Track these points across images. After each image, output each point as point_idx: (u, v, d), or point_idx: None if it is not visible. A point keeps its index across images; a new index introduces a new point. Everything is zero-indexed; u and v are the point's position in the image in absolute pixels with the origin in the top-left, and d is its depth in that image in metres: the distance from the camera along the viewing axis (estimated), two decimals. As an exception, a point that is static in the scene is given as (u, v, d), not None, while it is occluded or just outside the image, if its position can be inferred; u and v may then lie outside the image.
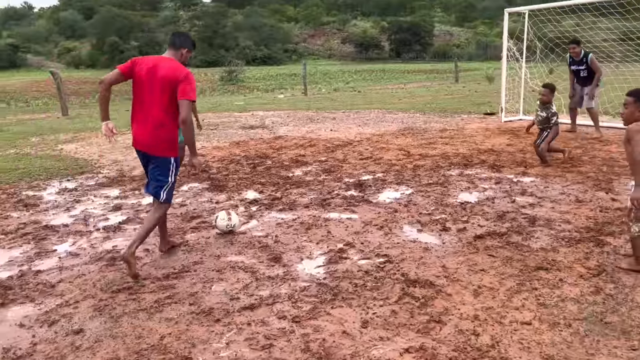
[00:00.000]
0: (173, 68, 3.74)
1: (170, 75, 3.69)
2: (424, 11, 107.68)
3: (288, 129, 11.01)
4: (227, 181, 6.44)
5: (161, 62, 3.79)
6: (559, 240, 4.04)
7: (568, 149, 7.08)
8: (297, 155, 7.92)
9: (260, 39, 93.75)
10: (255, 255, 4.01)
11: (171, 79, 3.68)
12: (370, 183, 6.11)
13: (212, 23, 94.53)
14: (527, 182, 5.88)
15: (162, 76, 3.70)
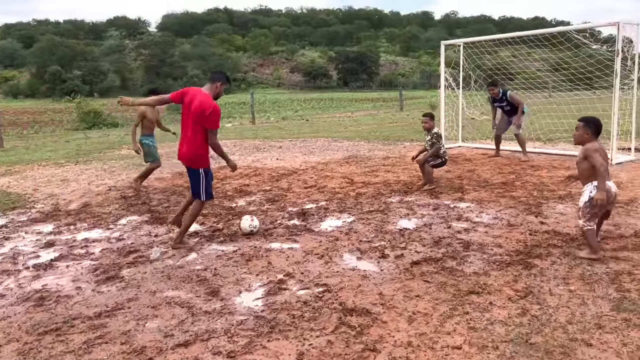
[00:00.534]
0: (203, 103, 4.74)
1: (199, 109, 4.73)
2: (370, 41, 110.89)
3: (233, 158, 10.87)
4: (168, 213, 6.33)
5: (198, 96, 4.81)
6: (490, 264, 4.19)
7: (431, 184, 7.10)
8: (241, 185, 7.90)
9: (208, 68, 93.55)
10: (192, 290, 3.94)
11: (200, 113, 4.73)
12: (313, 212, 6.16)
13: (159, 52, 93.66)
14: (463, 207, 6.09)
15: (195, 108, 4.75)
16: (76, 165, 10.58)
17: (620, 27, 8.01)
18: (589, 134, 4.35)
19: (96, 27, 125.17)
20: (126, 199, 7.25)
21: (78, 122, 26.36)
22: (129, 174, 9.32)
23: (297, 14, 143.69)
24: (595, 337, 2.98)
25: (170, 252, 4.85)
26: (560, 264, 4.10)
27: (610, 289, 3.61)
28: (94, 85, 79.73)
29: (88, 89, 74.83)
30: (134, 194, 7.47)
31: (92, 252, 4.97)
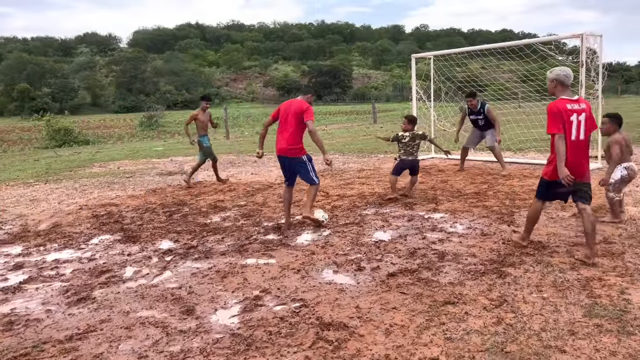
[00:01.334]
0: (301, 103, 5.98)
1: (299, 109, 5.90)
2: (343, 55, 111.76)
3: (208, 174, 10.89)
4: (141, 231, 6.23)
5: (294, 102, 6.04)
6: (465, 273, 4.23)
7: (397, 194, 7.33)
8: (215, 201, 7.83)
9: (181, 83, 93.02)
10: (167, 309, 3.87)
11: (300, 112, 5.88)
12: (288, 226, 6.13)
13: (131, 68, 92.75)
14: (437, 218, 6.15)
15: (295, 109, 5.93)
16: (46, 185, 10.35)
17: (584, 38, 8.27)
18: (614, 127, 5.52)
19: (66, 44, 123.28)
20: (98, 217, 7.11)
21: (48, 140, 25.87)
22: (101, 192, 9.16)
23: (269, 29, 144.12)
24: (569, 343, 3.02)
25: (144, 271, 4.77)
26: (533, 272, 4.17)
27: (582, 295, 3.68)
28: (64, 102, 78.37)
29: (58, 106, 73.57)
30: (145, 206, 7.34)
31: (62, 273, 4.85)
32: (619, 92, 57.43)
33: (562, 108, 4.43)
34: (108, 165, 13.68)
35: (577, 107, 4.46)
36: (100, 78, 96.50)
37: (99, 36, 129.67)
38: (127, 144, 26.82)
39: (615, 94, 56.07)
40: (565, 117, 4.40)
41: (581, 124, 4.44)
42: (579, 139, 4.46)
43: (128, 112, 74.50)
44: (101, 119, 62.37)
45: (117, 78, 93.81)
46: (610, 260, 4.35)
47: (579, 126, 4.44)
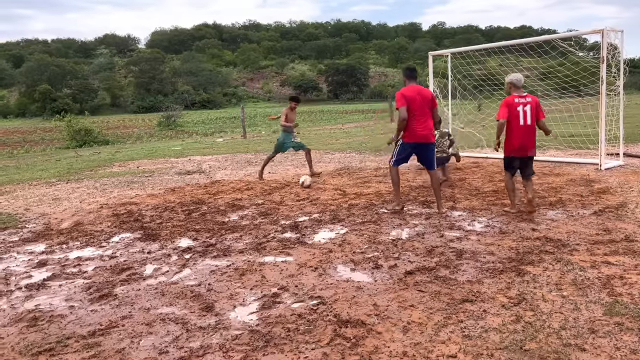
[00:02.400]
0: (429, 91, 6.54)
1: (430, 95, 6.43)
2: (359, 54, 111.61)
3: (225, 172, 10.98)
4: (161, 229, 6.31)
5: (421, 89, 6.40)
6: (483, 272, 4.21)
7: None
8: (233, 200, 7.90)
9: (198, 83, 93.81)
10: (186, 306, 3.93)
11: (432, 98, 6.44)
12: (306, 224, 6.17)
13: (149, 69, 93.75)
14: (455, 216, 6.12)
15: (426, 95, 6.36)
16: (67, 184, 10.53)
17: (604, 34, 8.14)
18: None
19: (85, 46, 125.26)
20: (118, 216, 7.22)
21: (69, 140, 26.31)
22: (121, 191, 9.29)
23: (286, 28, 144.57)
24: (589, 341, 3.00)
25: (164, 269, 4.84)
26: (553, 270, 4.13)
27: (603, 293, 3.64)
28: (84, 103, 79.61)
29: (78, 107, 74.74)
30: (126, 213, 7.44)
31: (84, 270, 4.94)
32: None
33: (511, 101, 6.10)
34: (127, 164, 13.86)
35: (523, 101, 6.09)
36: (119, 79, 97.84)
37: (118, 37, 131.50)
38: (146, 143, 27.12)
39: (638, 90, 55.02)
40: (512, 108, 6.07)
41: (527, 113, 6.05)
42: (527, 124, 6.07)
43: (146, 112, 75.46)
44: (120, 119, 63.22)
45: (135, 78, 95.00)
46: (632, 258, 4.29)
47: (525, 115, 6.05)
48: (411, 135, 6.31)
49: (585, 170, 8.60)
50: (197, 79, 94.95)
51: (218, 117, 57.11)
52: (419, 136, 6.29)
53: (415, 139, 6.31)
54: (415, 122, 6.24)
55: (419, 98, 6.24)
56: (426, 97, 6.32)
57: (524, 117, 6.05)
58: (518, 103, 6.07)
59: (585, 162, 9.28)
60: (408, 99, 6.22)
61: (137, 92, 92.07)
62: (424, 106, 6.27)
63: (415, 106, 6.22)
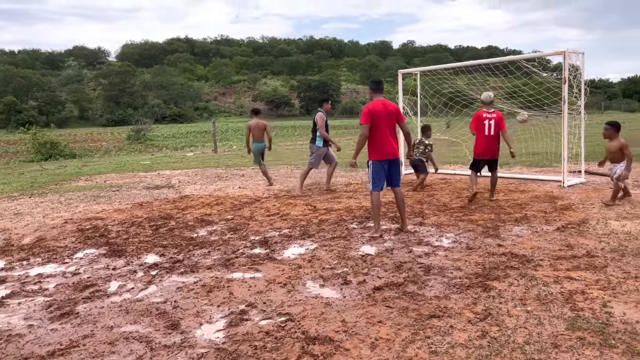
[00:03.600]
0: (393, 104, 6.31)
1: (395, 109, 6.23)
2: (331, 70, 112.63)
3: (195, 187, 10.86)
4: (127, 245, 6.18)
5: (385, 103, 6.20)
6: (450, 287, 4.25)
7: None
8: (202, 215, 7.80)
9: (169, 97, 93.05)
10: (151, 324, 3.84)
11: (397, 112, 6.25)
12: (276, 240, 6.13)
13: (119, 82, 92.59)
14: (423, 232, 6.18)
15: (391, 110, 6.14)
16: (30, 198, 10.25)
17: (566, 55, 8.42)
18: (615, 133, 7.11)
19: (53, 57, 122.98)
20: (83, 231, 7.05)
21: (34, 153, 25.63)
22: (87, 205, 9.08)
23: (258, 44, 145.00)
24: (552, 356, 3.05)
25: (129, 286, 4.73)
26: (518, 285, 4.20)
27: (565, 308, 3.72)
28: (50, 115, 77.95)
29: (45, 119, 73.08)
30: (92, 227, 7.27)
31: (45, 288, 4.79)
32: (602, 108, 58.36)
33: (480, 115, 7.82)
34: (94, 178, 13.59)
35: (489, 116, 7.77)
36: (88, 91, 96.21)
37: (88, 50, 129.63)
38: (115, 157, 26.66)
39: (599, 110, 56.98)
40: (480, 121, 7.77)
41: (491, 125, 7.73)
42: (491, 134, 7.76)
43: (116, 126, 74.23)
44: (88, 132, 62.06)
45: (105, 91, 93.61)
46: (593, 273, 4.41)
47: (490, 127, 7.74)
48: (380, 152, 6.07)
49: (549, 187, 8.82)
50: (168, 93, 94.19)
51: (189, 131, 56.61)
52: (387, 152, 6.09)
53: (385, 156, 6.09)
54: (384, 138, 6.04)
55: (384, 113, 6.02)
56: (391, 112, 6.09)
57: (488, 129, 7.74)
58: (485, 117, 7.74)
59: (549, 180, 9.53)
60: (374, 114, 5.98)
61: (107, 105, 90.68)
62: (390, 121, 6.08)
63: (382, 122, 6.00)
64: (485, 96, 7.99)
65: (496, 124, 7.69)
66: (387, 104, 6.13)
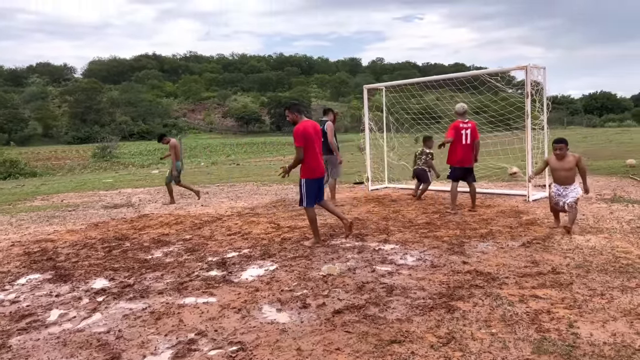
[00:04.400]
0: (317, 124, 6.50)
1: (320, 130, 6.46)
2: (301, 87, 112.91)
3: (155, 206, 10.49)
4: (75, 269, 5.81)
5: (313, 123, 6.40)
6: (413, 309, 4.05)
7: None
8: (160, 235, 7.46)
9: (137, 114, 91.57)
10: (90, 357, 3.52)
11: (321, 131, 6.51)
12: (234, 260, 5.85)
13: (85, 98, 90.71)
14: (387, 249, 5.99)
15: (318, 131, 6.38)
16: (-21, 220, 9.69)
17: (528, 70, 8.46)
18: (568, 148, 6.36)
19: (16, 74, 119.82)
20: (30, 255, 6.63)
21: (-10, 172, 24.72)
22: (39, 227, 8.62)
23: (228, 61, 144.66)
24: (517, 383, 2.86)
25: (71, 314, 4.38)
26: (482, 306, 4.03)
27: (531, 329, 3.55)
28: (12, 133, 75.72)
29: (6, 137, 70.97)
30: (41, 250, 6.85)
31: (-22, 318, 4.40)
32: (565, 124, 59.97)
33: (457, 125, 8.14)
34: (52, 198, 13.04)
35: (465, 126, 8.14)
36: (52, 108, 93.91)
37: (53, 66, 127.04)
38: (78, 175, 25.90)
39: (562, 125, 58.51)
40: (458, 130, 8.08)
41: (468, 135, 8.10)
42: (467, 143, 8.13)
43: (82, 143, 72.45)
44: (52, 150, 60.44)
45: (70, 108, 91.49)
46: (559, 291, 4.27)
47: (467, 136, 8.10)
48: (316, 171, 6.33)
49: (515, 202, 8.78)
50: (136, 110, 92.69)
51: (157, 148, 55.66)
52: (320, 171, 6.40)
53: (320, 174, 6.39)
54: (317, 158, 6.32)
55: (313, 133, 6.28)
56: (318, 131, 6.39)
57: (465, 138, 8.10)
58: (462, 127, 8.11)
59: (514, 194, 9.51)
60: (307, 136, 6.19)
61: (72, 123, 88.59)
62: (319, 140, 6.40)
63: (314, 142, 6.26)
64: (459, 107, 8.31)
65: (471, 133, 8.12)
66: (315, 125, 6.39)
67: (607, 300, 4.02)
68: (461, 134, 8.11)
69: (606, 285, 4.35)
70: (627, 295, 4.10)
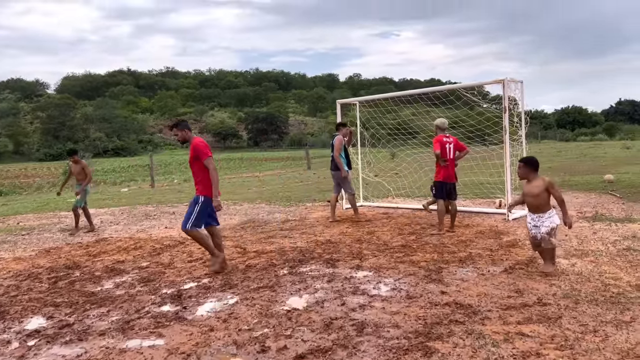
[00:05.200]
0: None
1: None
2: (279, 102, 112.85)
3: (117, 228, 9.85)
4: (12, 305, 5.19)
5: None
6: (386, 352, 3.57)
7: None
8: (114, 262, 6.86)
9: (112, 130, 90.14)
10: (0, 423, 2.95)
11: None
12: (191, 292, 5.30)
13: (58, 115, 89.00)
14: (360, 277, 5.51)
15: None
16: None
17: (505, 84, 8.15)
18: (532, 171, 5.32)
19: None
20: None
21: (-49, 192, 23.59)
22: (-17, 254, 7.92)
23: (205, 76, 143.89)
24: None
25: (-8, 364, 3.79)
26: (464, 347, 3.57)
27: (519, 377, 3.10)
28: (-19, 150, 73.61)
29: (-26, 154, 68.88)
30: None
31: None
32: (539, 138, 60.72)
33: (441, 139, 7.82)
34: (7, 220, 12.27)
35: (448, 140, 7.88)
36: (24, 125, 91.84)
37: (24, 82, 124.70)
38: (44, 194, 24.91)
39: (536, 139, 59.24)
40: (443, 145, 7.78)
41: (451, 149, 7.83)
42: (451, 158, 7.84)
43: (54, 160, 70.70)
44: (23, 167, 58.74)
45: (43, 125, 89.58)
46: (547, 327, 3.83)
47: (450, 150, 7.83)
48: (210, 189, 5.95)
49: (494, 221, 8.41)
50: (111, 126, 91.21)
51: (131, 164, 54.50)
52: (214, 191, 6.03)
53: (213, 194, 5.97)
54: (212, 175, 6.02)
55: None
56: None
57: (449, 152, 7.83)
58: (446, 142, 7.85)
59: (493, 212, 9.15)
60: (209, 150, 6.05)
61: (44, 139, 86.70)
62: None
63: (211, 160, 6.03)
64: (440, 122, 8.04)
65: (454, 148, 7.88)
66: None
67: (601, 338, 3.59)
68: (445, 148, 7.83)
69: (598, 320, 3.93)
70: (623, 331, 3.69)
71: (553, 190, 5.20)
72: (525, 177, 5.38)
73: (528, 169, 5.32)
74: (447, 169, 7.83)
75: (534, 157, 5.52)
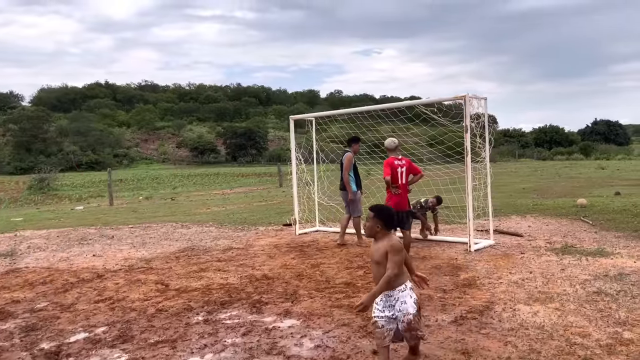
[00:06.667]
0: None
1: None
2: (259, 118, 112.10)
3: (40, 256, 8.79)
4: None
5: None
6: None
7: None
8: (8, 302, 5.85)
9: (87, 144, 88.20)
10: None
11: None
12: (74, 349, 4.34)
13: (31, 127, 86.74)
14: (284, 328, 4.60)
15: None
16: None
17: (466, 100, 7.38)
18: (379, 227, 3.64)
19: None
20: None
21: None
22: None
23: (184, 90, 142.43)
24: None
25: None
26: None
27: None
28: (-53, 163, 71.14)
29: (-62, 167, 66.44)
30: None
31: None
32: (516, 156, 60.74)
33: (392, 162, 7.18)
34: None
35: (400, 163, 7.24)
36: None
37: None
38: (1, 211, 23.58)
39: (514, 158, 59.21)
40: (394, 168, 7.12)
41: (403, 174, 7.19)
42: (403, 183, 7.19)
43: (24, 174, 68.53)
44: (-12, 181, 56.73)
45: (15, 137, 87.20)
46: (492, 413, 2.96)
47: (402, 175, 7.17)
48: None
49: (454, 252, 7.54)
50: (86, 139, 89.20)
51: (104, 179, 52.86)
52: None
53: None
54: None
55: None
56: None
57: (401, 177, 7.18)
58: (397, 165, 7.19)
59: (455, 241, 8.30)
60: None
61: (16, 152, 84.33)
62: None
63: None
64: (389, 142, 7.41)
65: (407, 172, 7.26)
66: None
67: None
68: (397, 172, 7.17)
69: (558, 401, 3.07)
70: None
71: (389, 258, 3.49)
72: (372, 234, 3.69)
73: (375, 222, 3.64)
74: (398, 196, 7.13)
75: (386, 207, 3.96)
